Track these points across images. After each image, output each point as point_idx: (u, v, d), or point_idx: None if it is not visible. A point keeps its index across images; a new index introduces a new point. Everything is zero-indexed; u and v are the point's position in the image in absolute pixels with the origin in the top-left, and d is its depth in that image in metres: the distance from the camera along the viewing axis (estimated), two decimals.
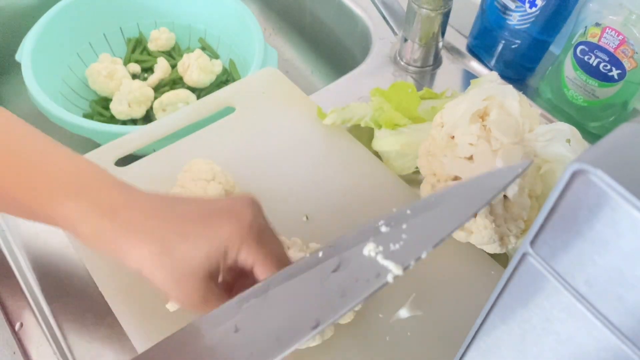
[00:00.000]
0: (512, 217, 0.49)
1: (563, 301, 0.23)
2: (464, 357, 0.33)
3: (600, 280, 0.21)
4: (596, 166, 0.19)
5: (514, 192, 0.48)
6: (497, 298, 0.27)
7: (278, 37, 1.04)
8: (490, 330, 0.30)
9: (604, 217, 0.20)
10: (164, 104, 0.82)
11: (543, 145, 0.49)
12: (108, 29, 0.90)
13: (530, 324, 0.26)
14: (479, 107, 0.50)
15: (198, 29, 0.94)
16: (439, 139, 0.51)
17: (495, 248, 0.49)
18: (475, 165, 0.49)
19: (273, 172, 0.59)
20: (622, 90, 0.63)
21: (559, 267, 0.23)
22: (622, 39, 0.59)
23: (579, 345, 0.24)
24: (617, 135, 0.21)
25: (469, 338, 0.32)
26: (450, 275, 0.52)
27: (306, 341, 0.34)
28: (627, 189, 0.18)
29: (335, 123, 0.62)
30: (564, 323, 0.24)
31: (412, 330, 0.48)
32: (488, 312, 0.29)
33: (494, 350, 0.30)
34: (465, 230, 0.48)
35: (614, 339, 0.22)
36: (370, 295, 0.32)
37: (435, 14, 0.69)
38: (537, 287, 0.24)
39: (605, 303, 0.21)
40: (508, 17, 0.69)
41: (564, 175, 0.20)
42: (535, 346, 0.27)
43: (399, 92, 0.61)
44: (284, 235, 0.51)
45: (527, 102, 0.50)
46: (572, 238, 0.21)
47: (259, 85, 0.67)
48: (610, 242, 0.20)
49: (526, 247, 0.24)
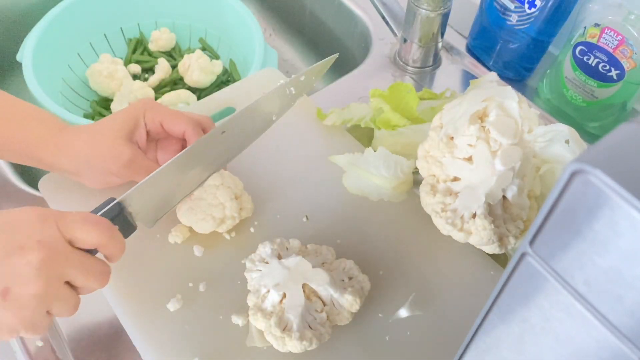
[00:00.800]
0: (511, 217, 0.49)
1: (562, 301, 0.23)
2: (464, 356, 0.33)
3: (600, 280, 0.21)
4: (595, 166, 0.19)
5: (513, 193, 0.48)
6: (496, 298, 0.28)
7: (278, 38, 1.04)
8: (489, 329, 0.30)
9: (603, 217, 0.20)
10: (164, 104, 0.82)
11: (542, 146, 0.49)
12: (109, 29, 0.91)
13: (530, 323, 0.26)
14: (478, 109, 0.50)
15: (198, 30, 0.94)
16: (438, 140, 0.51)
17: (494, 249, 0.49)
18: (474, 166, 0.49)
19: (273, 172, 0.59)
20: (621, 91, 0.63)
21: (558, 267, 0.23)
22: (621, 39, 0.59)
23: (578, 344, 0.24)
24: (616, 136, 0.21)
25: (468, 338, 0.32)
26: (449, 275, 0.52)
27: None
28: (626, 189, 0.18)
29: (335, 123, 0.62)
30: (563, 323, 0.24)
31: (412, 330, 0.48)
32: (487, 311, 0.29)
33: (493, 350, 0.30)
34: (464, 231, 0.48)
35: (613, 338, 0.22)
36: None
37: (434, 14, 0.69)
38: (536, 286, 0.24)
39: (604, 303, 0.21)
40: (507, 17, 0.69)
41: (563, 175, 0.20)
42: (535, 346, 0.27)
43: (398, 93, 0.61)
44: (283, 235, 0.51)
45: (526, 103, 0.50)
46: (571, 238, 0.21)
47: (259, 85, 0.67)
48: (610, 242, 0.20)
49: (525, 247, 0.24)
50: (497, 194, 0.48)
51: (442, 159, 0.51)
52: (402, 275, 0.52)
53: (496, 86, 0.54)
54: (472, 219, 0.48)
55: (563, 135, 0.48)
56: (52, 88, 0.80)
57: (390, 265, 0.52)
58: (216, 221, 0.51)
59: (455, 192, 0.50)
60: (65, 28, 0.83)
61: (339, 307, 0.46)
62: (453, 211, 0.49)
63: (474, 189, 0.49)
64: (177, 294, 0.49)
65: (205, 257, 0.52)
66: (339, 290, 0.46)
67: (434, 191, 0.51)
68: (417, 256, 0.53)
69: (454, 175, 0.51)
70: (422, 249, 0.54)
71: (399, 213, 0.56)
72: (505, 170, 0.48)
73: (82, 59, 0.88)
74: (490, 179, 0.48)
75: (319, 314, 0.46)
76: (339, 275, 0.48)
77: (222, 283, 0.50)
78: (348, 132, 0.63)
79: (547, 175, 0.50)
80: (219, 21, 0.91)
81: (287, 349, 0.44)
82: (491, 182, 0.48)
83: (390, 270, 0.52)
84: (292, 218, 0.55)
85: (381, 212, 0.56)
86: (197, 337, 0.47)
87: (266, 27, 1.05)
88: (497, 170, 0.48)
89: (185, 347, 0.46)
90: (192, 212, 0.51)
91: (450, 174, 0.51)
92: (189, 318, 0.48)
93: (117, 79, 0.85)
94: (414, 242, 0.54)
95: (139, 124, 0.51)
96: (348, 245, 0.53)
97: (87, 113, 0.86)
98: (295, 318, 0.44)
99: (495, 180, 0.48)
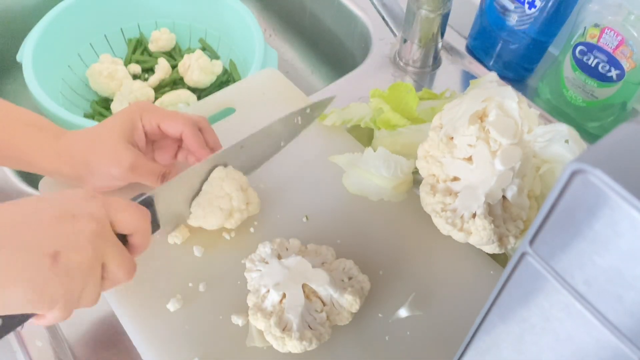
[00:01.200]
0: (511, 217, 0.49)
1: (562, 301, 0.23)
2: (463, 356, 0.33)
3: (599, 280, 0.21)
4: (595, 166, 0.19)
5: (513, 193, 0.48)
6: (496, 297, 0.28)
7: (278, 38, 1.04)
8: (489, 329, 0.30)
9: (603, 216, 0.20)
10: (164, 104, 0.82)
11: (542, 146, 0.49)
12: (109, 29, 0.91)
13: (530, 323, 0.26)
14: (477, 109, 0.50)
15: (198, 30, 0.94)
16: (438, 140, 0.51)
17: (494, 248, 0.49)
18: (474, 166, 0.49)
19: (273, 173, 0.59)
20: (621, 91, 0.63)
21: (558, 266, 0.23)
22: (621, 39, 0.59)
23: (578, 344, 0.24)
24: (616, 136, 0.21)
25: (468, 338, 0.32)
26: (449, 275, 0.52)
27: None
28: (626, 188, 0.18)
29: (335, 123, 0.62)
30: (563, 322, 0.24)
31: (412, 330, 0.48)
32: (487, 311, 0.29)
33: (493, 350, 0.30)
34: (464, 231, 0.48)
35: (612, 338, 0.22)
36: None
37: (434, 15, 0.69)
38: (536, 286, 0.24)
39: (604, 302, 0.21)
40: (507, 17, 0.69)
41: (563, 175, 0.20)
42: (535, 345, 0.27)
43: (398, 93, 0.61)
44: (283, 235, 0.51)
45: (526, 103, 0.50)
46: (571, 238, 0.21)
47: (259, 85, 0.67)
48: (609, 241, 0.20)
49: (525, 246, 0.24)
50: (497, 194, 0.48)
51: (442, 159, 0.51)
52: (402, 275, 0.52)
53: (496, 86, 0.54)
54: (472, 219, 0.48)
55: (563, 134, 0.48)
56: (52, 88, 0.80)
57: (390, 265, 0.52)
58: (224, 213, 0.51)
59: (455, 192, 0.50)
60: (65, 28, 0.83)
61: (339, 307, 0.46)
62: (453, 211, 0.49)
63: (473, 188, 0.49)
64: (177, 294, 0.49)
65: (205, 257, 0.52)
66: (338, 290, 0.46)
67: (434, 191, 0.51)
68: (417, 256, 0.53)
69: (454, 175, 0.51)
70: (422, 249, 0.54)
71: (399, 213, 0.56)
72: (505, 170, 0.48)
73: (82, 59, 0.88)
74: (490, 179, 0.48)
75: (318, 314, 0.46)
76: (339, 275, 0.48)
77: (222, 283, 0.50)
78: (348, 132, 0.63)
79: (547, 175, 0.50)
80: (219, 21, 0.91)
81: (286, 349, 0.44)
82: (491, 182, 0.48)
83: (390, 270, 0.52)
84: (292, 218, 0.55)
85: (381, 212, 0.56)
86: (197, 337, 0.47)
87: (266, 27, 1.05)
88: (497, 170, 0.48)
89: (185, 347, 0.46)
90: (199, 207, 0.51)
91: (450, 174, 0.51)
92: (189, 318, 0.48)
93: (117, 79, 0.85)
94: (414, 242, 0.54)
95: (136, 127, 0.52)
96: (348, 245, 0.53)
97: (87, 113, 0.86)
98: (295, 318, 0.44)
99: (495, 180, 0.48)
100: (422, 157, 0.53)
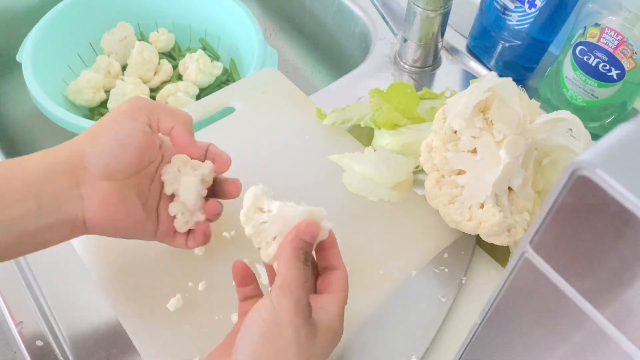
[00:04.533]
0: (517, 209, 0.50)
1: (562, 300, 0.23)
2: (464, 356, 0.33)
3: (599, 280, 0.21)
4: (595, 166, 0.19)
5: (519, 184, 0.48)
6: (496, 297, 0.28)
7: (278, 38, 1.04)
8: (489, 329, 0.30)
9: (603, 217, 0.20)
10: (164, 96, 0.82)
11: (544, 136, 0.49)
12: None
13: (529, 322, 0.26)
14: (480, 99, 0.50)
15: (198, 29, 0.94)
16: (442, 134, 0.51)
17: (504, 239, 0.49)
18: (479, 157, 0.49)
19: (273, 172, 0.59)
20: (621, 91, 0.63)
21: (558, 266, 0.23)
22: (621, 39, 0.59)
23: (579, 344, 0.24)
24: (616, 135, 0.21)
25: (468, 337, 0.32)
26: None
27: None
28: (626, 188, 0.18)
29: (335, 123, 0.62)
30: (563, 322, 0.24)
31: None
32: (487, 311, 0.29)
33: (493, 349, 0.30)
34: (474, 221, 0.48)
35: (612, 338, 0.22)
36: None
37: (434, 14, 0.69)
38: (536, 286, 0.24)
39: (604, 302, 0.21)
40: (507, 17, 0.69)
41: (563, 174, 0.20)
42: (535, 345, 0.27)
43: (397, 93, 0.61)
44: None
45: (526, 94, 0.51)
46: (572, 238, 0.21)
47: (259, 85, 0.67)
48: (610, 242, 0.20)
49: (525, 246, 0.24)
50: (504, 184, 0.48)
51: (446, 153, 0.51)
52: (402, 275, 0.52)
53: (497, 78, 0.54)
54: (481, 209, 0.48)
55: (566, 123, 0.49)
56: (52, 88, 0.80)
57: (390, 265, 0.52)
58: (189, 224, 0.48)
59: (461, 185, 0.50)
60: (64, 28, 0.83)
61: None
62: (461, 203, 0.49)
63: (480, 179, 0.49)
64: (177, 294, 0.49)
65: (205, 256, 0.52)
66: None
67: (440, 185, 0.51)
68: (417, 256, 0.53)
69: (459, 168, 0.51)
70: (422, 249, 0.54)
71: (398, 213, 0.56)
72: (511, 160, 0.48)
73: (82, 59, 0.88)
74: (496, 169, 0.48)
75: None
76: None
77: (222, 283, 0.50)
78: (348, 132, 0.63)
79: (550, 166, 0.50)
80: (219, 21, 0.91)
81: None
82: (497, 172, 0.48)
83: (390, 270, 0.52)
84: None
85: (381, 212, 0.56)
86: (197, 337, 0.47)
87: (266, 27, 1.05)
88: (502, 161, 0.48)
89: (185, 347, 0.46)
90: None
91: (455, 167, 0.51)
92: (189, 318, 0.48)
93: (100, 86, 0.84)
94: (414, 242, 0.54)
95: (154, 125, 0.47)
96: (348, 245, 0.53)
97: (87, 113, 0.86)
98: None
99: (501, 170, 0.48)
100: (426, 152, 0.53)
